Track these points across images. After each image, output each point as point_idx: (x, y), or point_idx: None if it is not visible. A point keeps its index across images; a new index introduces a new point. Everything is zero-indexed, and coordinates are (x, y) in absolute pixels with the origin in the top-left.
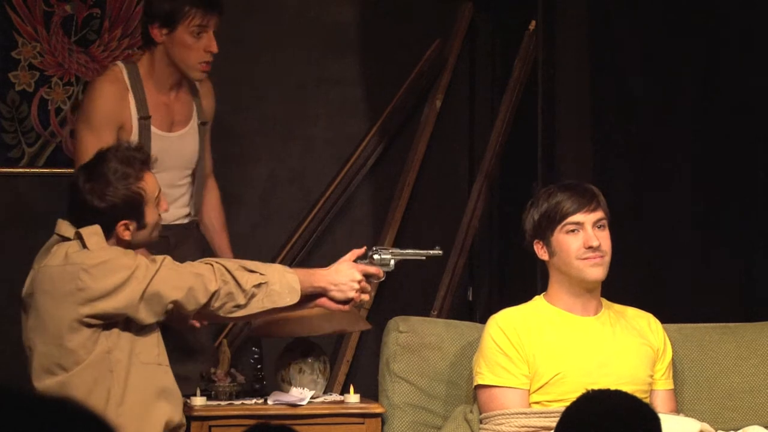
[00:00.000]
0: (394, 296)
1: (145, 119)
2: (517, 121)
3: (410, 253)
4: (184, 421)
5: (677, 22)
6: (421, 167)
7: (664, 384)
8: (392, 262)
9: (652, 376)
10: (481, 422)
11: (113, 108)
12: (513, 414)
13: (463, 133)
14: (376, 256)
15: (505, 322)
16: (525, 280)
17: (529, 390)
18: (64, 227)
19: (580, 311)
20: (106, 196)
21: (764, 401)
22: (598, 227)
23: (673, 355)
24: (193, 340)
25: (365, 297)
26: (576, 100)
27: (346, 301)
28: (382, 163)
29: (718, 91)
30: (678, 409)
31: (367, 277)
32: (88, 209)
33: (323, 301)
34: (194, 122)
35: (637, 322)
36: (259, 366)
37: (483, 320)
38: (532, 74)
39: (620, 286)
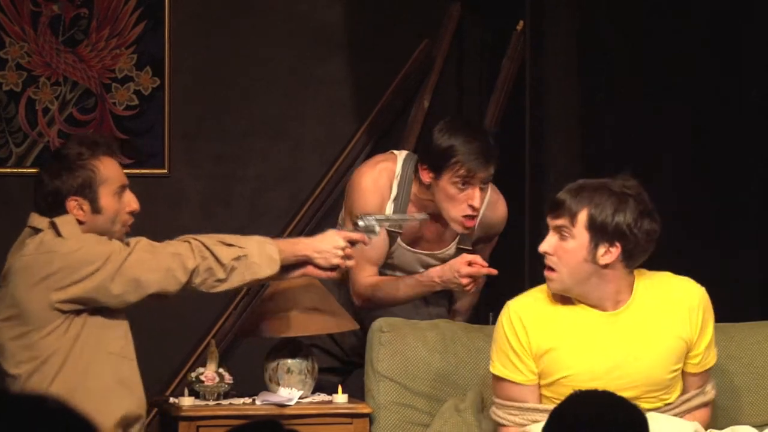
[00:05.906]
0: None
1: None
2: (505, 121)
3: (395, 218)
4: (144, 414)
5: (666, 20)
6: None
7: (698, 368)
8: (377, 228)
9: (679, 366)
10: (494, 404)
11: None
12: (527, 409)
13: None
14: (360, 222)
15: (518, 313)
16: (522, 281)
17: (538, 384)
18: (36, 219)
19: (598, 305)
20: (60, 172)
21: (754, 400)
22: (558, 233)
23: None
24: None
25: (351, 263)
26: (564, 99)
27: (331, 268)
28: None
29: (711, 88)
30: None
31: (352, 243)
32: (47, 191)
33: (310, 269)
34: (451, 249)
35: (673, 305)
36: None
37: (478, 321)
38: (520, 74)
39: None
